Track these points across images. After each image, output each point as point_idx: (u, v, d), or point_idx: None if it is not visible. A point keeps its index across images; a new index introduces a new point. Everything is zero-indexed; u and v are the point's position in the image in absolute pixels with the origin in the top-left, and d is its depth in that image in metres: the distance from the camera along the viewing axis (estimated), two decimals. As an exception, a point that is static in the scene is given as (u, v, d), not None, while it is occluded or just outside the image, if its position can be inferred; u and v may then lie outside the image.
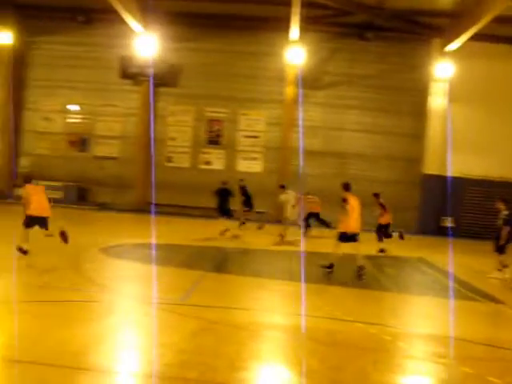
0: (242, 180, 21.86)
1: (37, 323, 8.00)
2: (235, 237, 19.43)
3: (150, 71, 26.86)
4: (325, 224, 21.68)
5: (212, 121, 27.93)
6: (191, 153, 28.05)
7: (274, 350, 7.72)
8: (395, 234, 18.62)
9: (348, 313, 9.80)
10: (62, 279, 11.20)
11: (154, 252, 15.33)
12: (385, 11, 25.59)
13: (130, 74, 27.69)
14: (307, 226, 21.41)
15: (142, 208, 26.20)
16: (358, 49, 27.55)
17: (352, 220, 13.40)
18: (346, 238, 13.42)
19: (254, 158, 27.57)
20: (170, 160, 28.01)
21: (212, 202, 20.02)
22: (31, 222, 13.20)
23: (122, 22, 25.36)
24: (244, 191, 21.31)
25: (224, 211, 19.77)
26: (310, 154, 26.50)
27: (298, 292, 11.07)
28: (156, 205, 25.89)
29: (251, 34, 27.14)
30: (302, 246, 17.23)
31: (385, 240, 18.04)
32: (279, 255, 16.89)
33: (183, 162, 27.91)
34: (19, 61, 28.69)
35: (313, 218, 21.73)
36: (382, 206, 18.12)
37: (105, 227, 21.77)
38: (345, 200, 13.51)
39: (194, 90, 27.79)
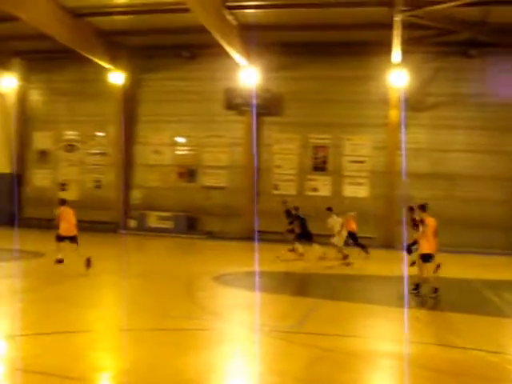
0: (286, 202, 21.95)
1: (153, 351, 8.25)
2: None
3: (254, 101, 27.33)
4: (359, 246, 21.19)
5: (317, 147, 28.01)
6: (297, 180, 28.20)
7: (390, 379, 7.60)
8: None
9: (465, 340, 9.49)
10: (175, 307, 11.52)
11: (264, 280, 15.48)
12: (488, 26, 24.89)
13: (235, 105, 28.28)
14: (361, 245, 21.14)
15: (249, 236, 26.50)
16: (462, 67, 26.87)
17: (431, 240, 13.50)
18: (429, 257, 13.49)
19: (360, 183, 27.37)
20: (276, 188, 28.28)
21: (319, 229, 20.04)
22: (61, 239, 16.03)
23: (225, 55, 26.00)
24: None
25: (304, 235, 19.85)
26: (416, 176, 26.02)
27: (411, 318, 10.87)
28: (262, 232, 26.12)
29: (352, 60, 27.10)
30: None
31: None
32: (387, 281, 16.63)
33: (289, 189, 28.07)
34: (130, 98, 29.96)
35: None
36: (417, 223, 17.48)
37: (214, 255, 22.19)
38: (422, 221, 13.57)
39: (298, 118, 28.00)
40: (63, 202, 16.79)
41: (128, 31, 27.48)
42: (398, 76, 25.41)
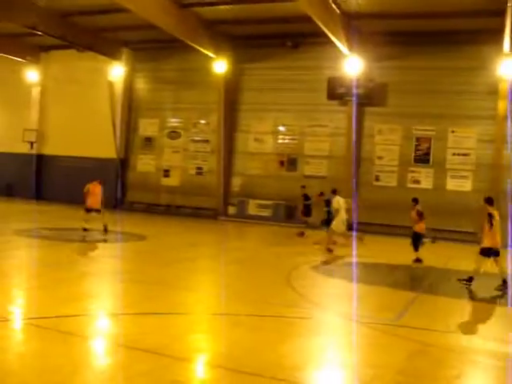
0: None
1: (253, 336, 8.36)
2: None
3: (357, 91, 27.04)
4: None
5: (420, 139, 27.37)
6: (399, 171, 27.66)
7: (491, 378, 7.35)
8: (427, 240, 17.69)
9: None
10: (274, 295, 11.61)
11: (362, 271, 15.36)
12: None
13: (338, 94, 28.02)
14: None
15: (349, 227, 26.28)
16: None
17: (497, 235, 13.43)
18: (490, 253, 13.40)
19: (464, 177, 26.53)
20: (377, 179, 27.89)
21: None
22: (88, 210, 19.49)
23: (329, 44, 25.81)
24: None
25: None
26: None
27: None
28: (362, 223, 25.88)
29: (458, 49, 26.27)
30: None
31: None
32: (487, 277, 16.10)
33: (391, 180, 27.61)
34: (232, 86, 30.29)
35: None
36: (419, 214, 17.09)
37: (312, 245, 22.18)
38: (490, 215, 13.40)
39: (401, 109, 27.44)
40: (94, 180, 20.19)
41: (231, 21, 27.72)
42: (508, 66, 24.45)
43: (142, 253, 16.69)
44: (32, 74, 34.29)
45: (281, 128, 29.88)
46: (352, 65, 26.56)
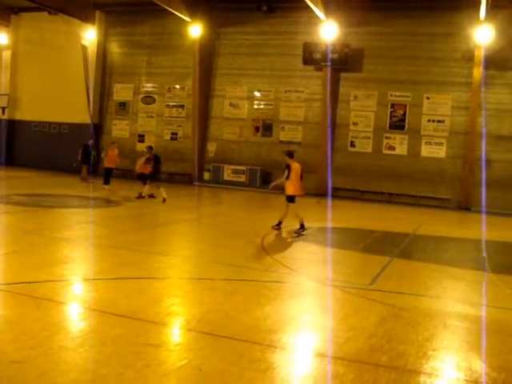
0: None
1: (228, 300, 8.41)
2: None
3: (332, 57, 26.93)
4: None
5: (395, 105, 27.42)
6: (374, 138, 27.74)
7: (462, 341, 7.47)
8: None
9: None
10: (249, 259, 11.67)
11: (338, 236, 15.47)
12: None
13: (313, 60, 27.92)
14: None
15: (323, 192, 26.40)
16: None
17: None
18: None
19: (439, 143, 26.71)
20: (352, 145, 27.96)
21: (396, 188, 19.77)
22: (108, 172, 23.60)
23: (304, 9, 25.63)
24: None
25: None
26: (497, 139, 25.27)
27: (491, 282, 10.69)
28: (337, 189, 26.04)
29: (435, 15, 26.22)
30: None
31: None
32: (463, 243, 16.34)
33: (366, 146, 27.71)
34: (207, 51, 30.01)
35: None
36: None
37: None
38: (289, 166, 15.03)
39: (377, 75, 27.42)
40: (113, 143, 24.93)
41: (208, -16, 27.43)
42: (483, 33, 24.49)
43: (117, 218, 16.65)
44: (2, 37, 33.54)
45: (256, 93, 29.74)
46: (328, 30, 26.45)
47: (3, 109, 33.76)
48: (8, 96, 33.75)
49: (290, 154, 15.45)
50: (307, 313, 8.25)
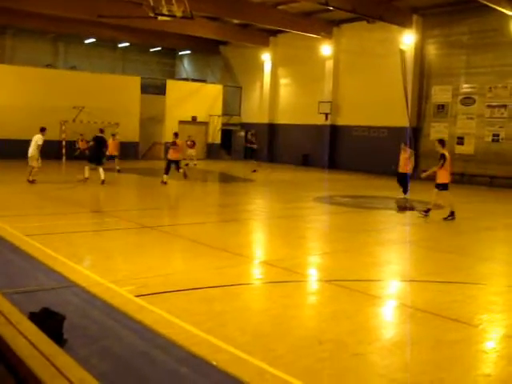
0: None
1: None
2: None
3: None
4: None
5: None
6: None
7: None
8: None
9: None
10: None
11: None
12: None
13: None
14: None
15: None
16: None
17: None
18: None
19: None
20: None
21: None
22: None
23: None
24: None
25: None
26: None
27: None
28: None
29: None
30: None
31: None
32: None
33: None
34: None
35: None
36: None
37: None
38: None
39: None
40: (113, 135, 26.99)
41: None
42: None
43: (440, 223, 16.23)
44: (325, 49, 35.56)
45: None
46: None
47: (326, 115, 35.74)
48: (331, 103, 35.62)
49: (443, 143, 16.31)
50: None
